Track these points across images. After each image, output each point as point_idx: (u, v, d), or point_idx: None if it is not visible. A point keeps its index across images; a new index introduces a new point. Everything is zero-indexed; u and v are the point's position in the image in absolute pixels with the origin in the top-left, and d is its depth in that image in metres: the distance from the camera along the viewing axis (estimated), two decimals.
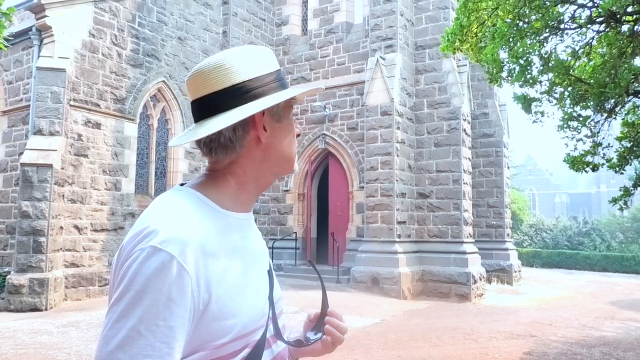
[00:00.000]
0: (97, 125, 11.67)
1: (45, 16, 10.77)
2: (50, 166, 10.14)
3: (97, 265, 11.43)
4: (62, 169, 10.60)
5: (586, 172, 6.53)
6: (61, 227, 10.60)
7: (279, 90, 1.11)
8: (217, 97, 1.07)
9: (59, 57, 10.80)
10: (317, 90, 1.22)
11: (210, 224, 1.02)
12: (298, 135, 1.21)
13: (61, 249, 10.61)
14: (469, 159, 13.59)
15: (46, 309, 9.69)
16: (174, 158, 13.74)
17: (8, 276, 9.89)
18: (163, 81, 13.28)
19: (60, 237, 10.54)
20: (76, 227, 11.08)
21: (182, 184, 1.13)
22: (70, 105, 10.99)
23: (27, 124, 11.20)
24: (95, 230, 11.47)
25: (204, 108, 1.09)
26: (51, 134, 10.48)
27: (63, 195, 10.69)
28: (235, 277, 1.03)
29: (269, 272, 1.18)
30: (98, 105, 11.68)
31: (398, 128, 12.74)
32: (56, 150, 10.35)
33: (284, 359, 1.17)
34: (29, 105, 11.09)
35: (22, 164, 10.13)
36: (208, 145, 1.09)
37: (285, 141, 1.14)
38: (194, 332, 0.95)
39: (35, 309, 9.62)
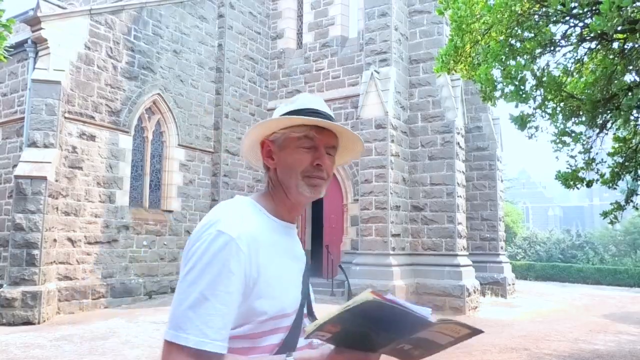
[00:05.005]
0: (92, 138, 11.67)
1: (41, 29, 10.81)
2: (44, 178, 10.11)
3: (90, 278, 11.37)
4: (57, 181, 10.58)
5: (578, 188, 6.58)
6: (55, 240, 10.55)
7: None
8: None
9: (54, 70, 10.81)
10: (350, 140, 1.43)
11: (260, 222, 1.28)
12: (318, 165, 1.34)
13: (54, 261, 10.56)
14: (463, 172, 13.66)
15: (39, 323, 9.61)
16: (169, 170, 13.74)
17: (1, 289, 9.82)
18: (158, 94, 13.32)
19: (53, 250, 10.49)
20: (70, 239, 11.04)
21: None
22: (65, 118, 11.00)
23: (21, 136, 11.19)
24: (89, 243, 11.43)
25: None
26: (45, 146, 10.47)
27: (57, 208, 10.66)
28: (276, 266, 1.26)
29: (305, 274, 1.39)
30: (93, 118, 11.69)
31: (392, 141, 12.81)
32: (50, 162, 10.34)
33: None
34: (23, 118, 11.08)
35: (16, 176, 10.10)
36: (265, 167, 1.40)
37: (286, 168, 1.34)
38: (244, 306, 1.18)
39: (28, 322, 9.54)
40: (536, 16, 5.08)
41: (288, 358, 1.18)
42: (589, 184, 6.71)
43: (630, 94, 5.09)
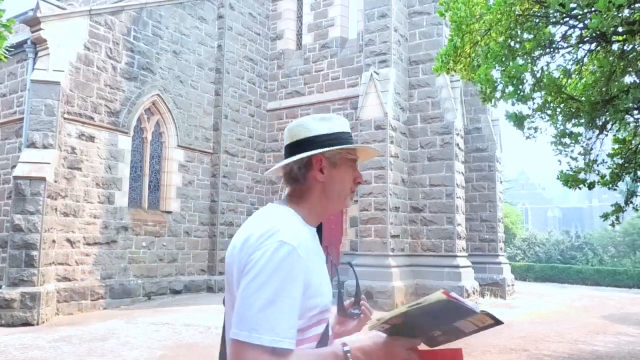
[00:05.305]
0: (91, 138, 11.66)
1: (41, 29, 10.79)
2: (43, 179, 10.10)
3: (89, 279, 11.36)
4: (55, 182, 10.56)
5: (580, 189, 6.58)
6: (53, 241, 10.54)
7: (337, 144, 1.52)
8: (294, 145, 1.53)
9: (54, 70, 10.80)
10: (370, 155, 1.67)
11: (305, 231, 1.46)
12: (359, 182, 1.60)
13: (53, 262, 10.54)
14: (462, 173, 13.66)
15: (38, 324, 9.59)
16: (168, 171, 13.73)
17: None
18: (157, 94, 13.31)
19: (52, 251, 10.47)
20: (69, 240, 11.02)
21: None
22: (64, 118, 10.99)
23: (20, 137, 11.17)
24: (88, 244, 11.41)
25: (287, 151, 1.55)
26: (44, 147, 10.46)
27: (56, 209, 10.64)
28: (319, 268, 1.44)
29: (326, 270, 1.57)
30: (92, 119, 11.68)
31: (392, 142, 12.81)
32: (49, 163, 10.32)
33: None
34: (22, 118, 11.06)
35: (15, 177, 10.09)
36: (286, 177, 1.53)
37: (338, 183, 1.54)
38: (302, 305, 1.32)
39: (26, 323, 9.52)
40: (536, 17, 5.08)
41: (345, 348, 1.35)
42: (591, 186, 6.70)
43: (625, 95, 5.09)
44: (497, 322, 1.37)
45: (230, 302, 1.41)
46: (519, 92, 5.08)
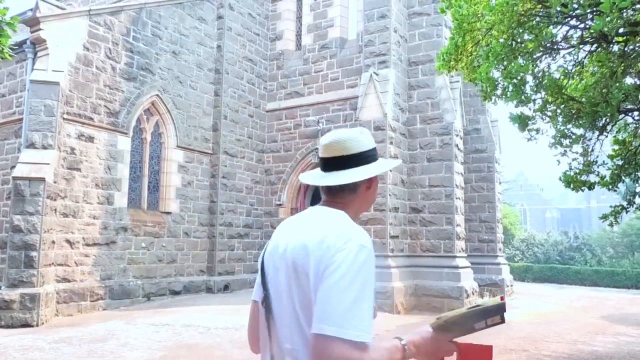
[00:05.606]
0: (90, 139, 11.65)
1: (40, 29, 10.78)
2: (42, 180, 10.08)
3: (88, 280, 11.34)
4: (55, 182, 10.55)
5: (582, 190, 6.59)
6: (53, 242, 10.52)
7: (377, 158, 1.72)
8: (346, 158, 1.65)
9: (53, 71, 10.79)
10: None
11: None
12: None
13: (53, 263, 10.52)
14: (461, 174, 13.67)
15: (37, 325, 9.57)
16: (167, 172, 13.71)
17: None
18: (157, 95, 13.29)
19: (52, 252, 10.45)
20: (68, 241, 11.01)
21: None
22: (64, 119, 10.97)
23: (19, 137, 11.15)
24: (88, 245, 11.40)
25: (335, 163, 1.67)
26: (44, 147, 10.44)
27: (55, 209, 10.62)
28: None
29: None
30: (91, 119, 11.67)
31: (391, 143, 12.81)
32: (49, 163, 10.31)
33: None
34: (21, 119, 11.05)
35: (14, 178, 10.07)
36: (340, 187, 1.65)
37: (373, 193, 1.75)
38: None
39: (26, 324, 9.50)
40: (537, 17, 5.08)
41: (402, 342, 1.52)
42: (591, 187, 6.71)
43: (625, 96, 5.10)
44: (503, 322, 1.56)
45: (289, 298, 1.51)
46: (521, 93, 5.09)
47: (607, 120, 5.76)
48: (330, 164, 1.67)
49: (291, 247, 1.53)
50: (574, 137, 5.89)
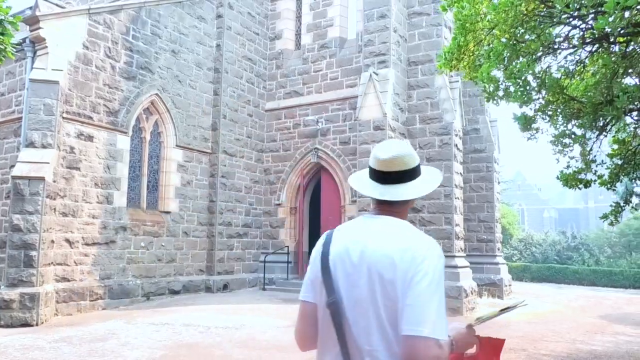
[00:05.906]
0: (90, 138, 11.63)
1: (39, 28, 10.75)
2: (42, 179, 10.06)
3: (88, 280, 11.33)
4: (54, 182, 10.53)
5: (579, 189, 6.61)
6: (52, 241, 10.50)
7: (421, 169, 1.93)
8: (411, 171, 1.84)
9: (53, 69, 10.76)
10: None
11: None
12: None
13: (52, 263, 10.51)
14: (460, 174, 13.69)
15: (37, 324, 9.56)
16: (167, 171, 13.70)
17: None
18: (156, 94, 13.28)
19: (51, 251, 10.44)
20: (67, 240, 10.99)
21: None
22: (63, 118, 10.95)
23: (19, 137, 11.13)
24: (87, 244, 11.38)
25: (401, 176, 1.83)
26: (43, 146, 10.42)
27: (55, 209, 10.61)
28: None
29: None
30: (91, 118, 11.65)
31: None
32: (48, 163, 10.28)
33: None
34: (21, 118, 11.02)
35: (14, 177, 10.05)
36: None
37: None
38: None
39: (26, 324, 9.48)
40: (540, 17, 5.10)
41: (450, 337, 1.68)
42: (587, 185, 6.74)
43: (625, 96, 5.12)
44: (496, 316, 2.08)
45: (373, 304, 1.64)
46: (524, 93, 5.10)
47: (610, 121, 5.78)
48: (393, 177, 1.83)
49: (370, 257, 1.66)
50: (573, 136, 5.91)
